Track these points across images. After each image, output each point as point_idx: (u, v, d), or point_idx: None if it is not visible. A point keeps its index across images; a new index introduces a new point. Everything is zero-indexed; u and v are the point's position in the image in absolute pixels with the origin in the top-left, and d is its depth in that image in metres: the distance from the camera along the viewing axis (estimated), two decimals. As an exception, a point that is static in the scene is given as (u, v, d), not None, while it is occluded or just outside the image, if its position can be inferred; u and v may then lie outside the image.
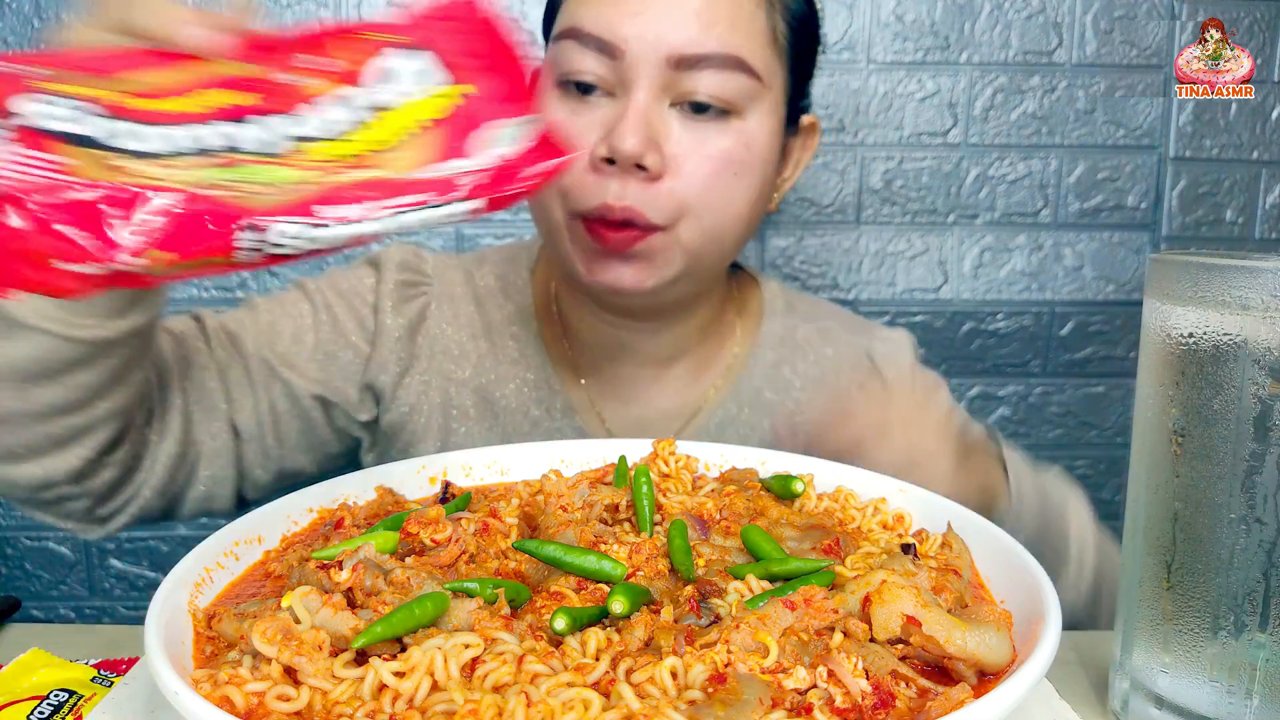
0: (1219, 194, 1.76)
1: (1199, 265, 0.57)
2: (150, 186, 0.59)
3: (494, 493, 0.72)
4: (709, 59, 0.90)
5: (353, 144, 0.67)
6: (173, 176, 0.61)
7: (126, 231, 0.56)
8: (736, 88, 0.92)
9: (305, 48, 0.70)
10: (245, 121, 0.65)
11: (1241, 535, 0.56)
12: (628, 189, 0.91)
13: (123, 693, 0.56)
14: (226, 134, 0.64)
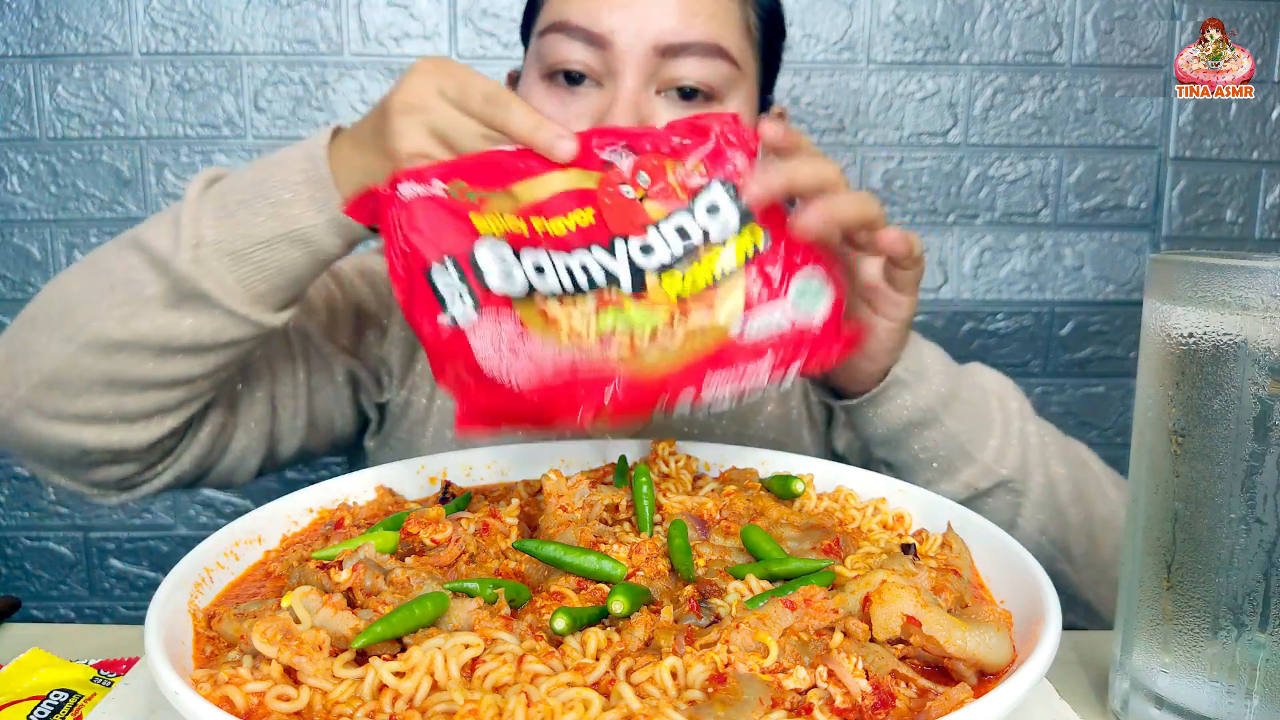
0: (1219, 194, 1.76)
1: (1199, 265, 0.57)
2: (595, 367, 0.73)
3: (494, 493, 0.72)
4: (692, 47, 0.94)
5: (685, 280, 0.76)
6: (585, 326, 0.74)
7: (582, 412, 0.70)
8: (717, 73, 0.96)
9: (636, 147, 0.77)
10: (610, 249, 0.75)
11: (1241, 535, 0.56)
12: None
13: (123, 693, 0.56)
14: (603, 265, 0.75)
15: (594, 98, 0.96)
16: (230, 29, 1.66)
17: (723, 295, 0.76)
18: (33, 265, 1.73)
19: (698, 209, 0.76)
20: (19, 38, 1.65)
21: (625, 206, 0.76)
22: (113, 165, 1.70)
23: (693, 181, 0.76)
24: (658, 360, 0.74)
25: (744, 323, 0.75)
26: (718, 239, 0.76)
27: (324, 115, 1.69)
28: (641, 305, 0.75)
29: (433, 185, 0.73)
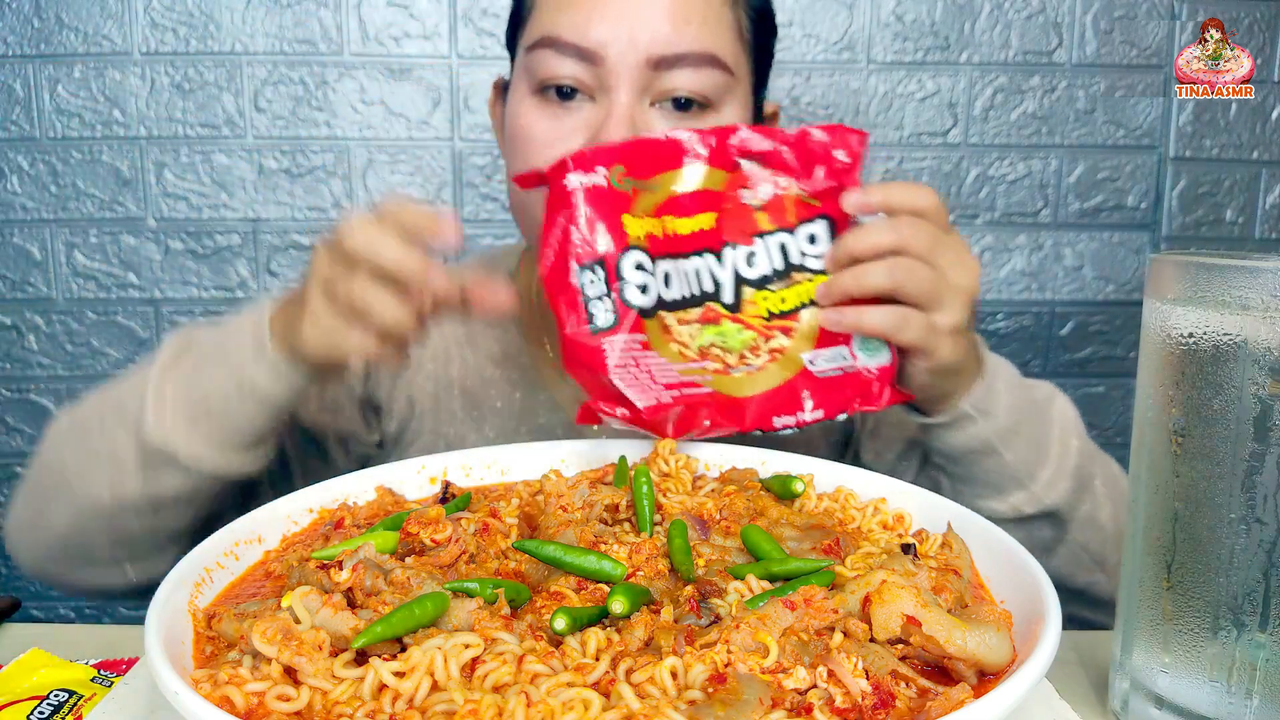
0: (1219, 194, 1.76)
1: (1199, 265, 0.57)
2: (694, 386, 0.81)
3: (494, 493, 0.72)
4: (685, 57, 0.93)
5: (773, 299, 0.82)
6: (691, 339, 0.82)
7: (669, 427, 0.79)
8: (712, 83, 0.95)
9: (768, 157, 0.83)
10: (719, 255, 0.82)
11: (1241, 535, 0.56)
12: None
13: (123, 693, 0.56)
14: (712, 273, 0.82)
15: (587, 112, 0.95)
16: (230, 29, 1.66)
17: (802, 325, 0.83)
18: (33, 265, 1.73)
19: (800, 234, 0.82)
20: (19, 38, 1.65)
21: (742, 212, 0.82)
22: (113, 165, 1.70)
23: (805, 209, 0.82)
24: (744, 384, 0.83)
25: (814, 358, 0.82)
26: (811, 270, 0.82)
27: (324, 115, 1.69)
28: (736, 324, 0.82)
29: (596, 172, 0.80)
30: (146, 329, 1.76)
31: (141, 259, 1.74)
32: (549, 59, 0.94)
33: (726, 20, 0.97)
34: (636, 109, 0.93)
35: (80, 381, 1.78)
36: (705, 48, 0.94)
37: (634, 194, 0.81)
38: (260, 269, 1.74)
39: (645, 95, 0.94)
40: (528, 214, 0.99)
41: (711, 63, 0.94)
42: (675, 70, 0.93)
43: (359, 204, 1.73)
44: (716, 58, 0.95)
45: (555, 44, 0.93)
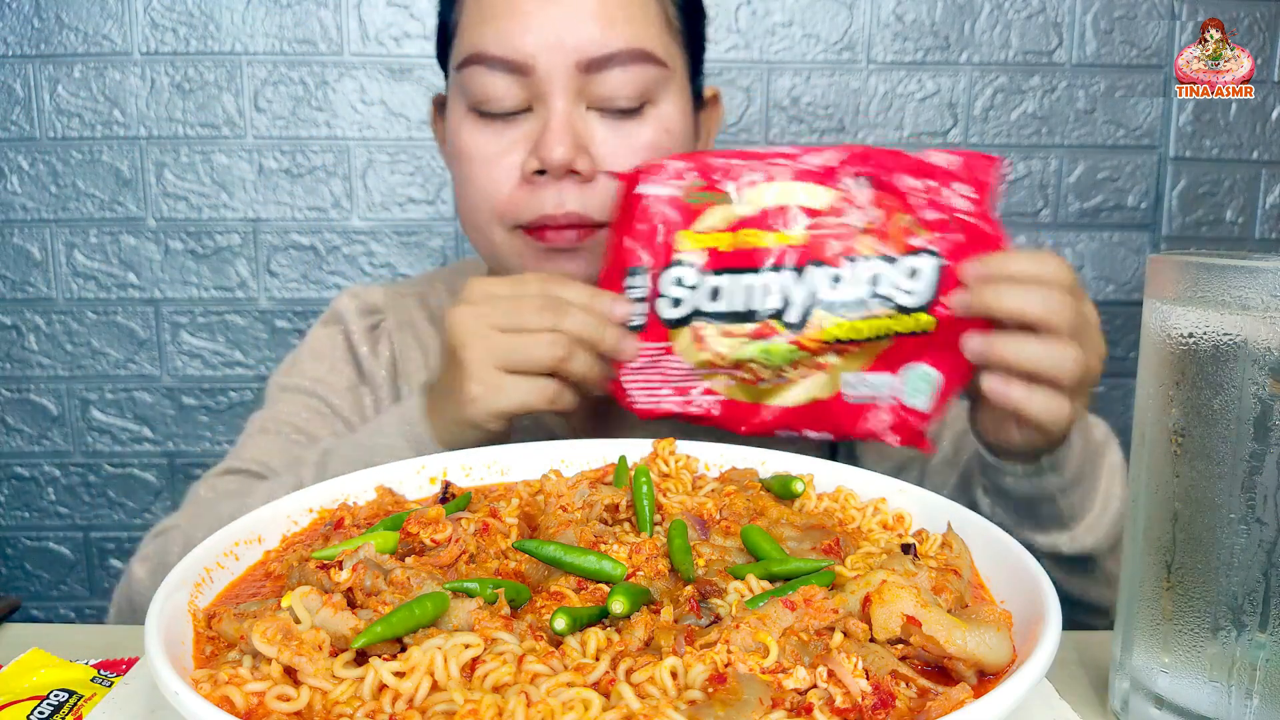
0: (1219, 194, 1.76)
1: (1199, 265, 0.57)
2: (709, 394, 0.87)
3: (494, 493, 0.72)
4: (615, 56, 0.93)
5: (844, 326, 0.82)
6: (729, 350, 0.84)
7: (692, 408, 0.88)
8: (646, 79, 0.95)
9: (881, 182, 0.82)
10: (800, 272, 0.82)
11: (1241, 535, 0.56)
12: (565, 195, 0.94)
13: (123, 693, 0.56)
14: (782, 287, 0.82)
15: (526, 124, 0.95)
16: (230, 29, 1.66)
17: (858, 354, 0.83)
18: (33, 265, 1.73)
19: (901, 266, 0.81)
20: (19, 38, 1.65)
21: (842, 233, 0.82)
22: (113, 165, 1.70)
23: (914, 240, 0.81)
24: (766, 393, 0.86)
25: (857, 382, 0.83)
26: (898, 305, 0.81)
27: (324, 115, 1.69)
28: (791, 345, 0.83)
29: (669, 184, 0.85)
30: (146, 329, 1.76)
31: (141, 259, 1.74)
32: (480, 76, 0.94)
33: (653, 13, 0.96)
34: (574, 114, 0.94)
35: (80, 381, 1.78)
36: (635, 44, 0.93)
37: (702, 208, 0.84)
38: (260, 269, 1.74)
39: (581, 100, 0.94)
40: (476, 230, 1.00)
41: (644, 59, 0.94)
42: (608, 71, 0.93)
43: (359, 204, 1.73)
44: (648, 53, 0.94)
45: (484, 59, 0.93)
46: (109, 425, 1.80)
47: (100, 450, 1.81)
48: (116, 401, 1.79)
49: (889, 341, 0.82)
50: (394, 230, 1.74)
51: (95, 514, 1.83)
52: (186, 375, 1.78)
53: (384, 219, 1.73)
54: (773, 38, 1.68)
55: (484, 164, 0.97)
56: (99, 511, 1.83)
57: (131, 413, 1.79)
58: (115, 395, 1.79)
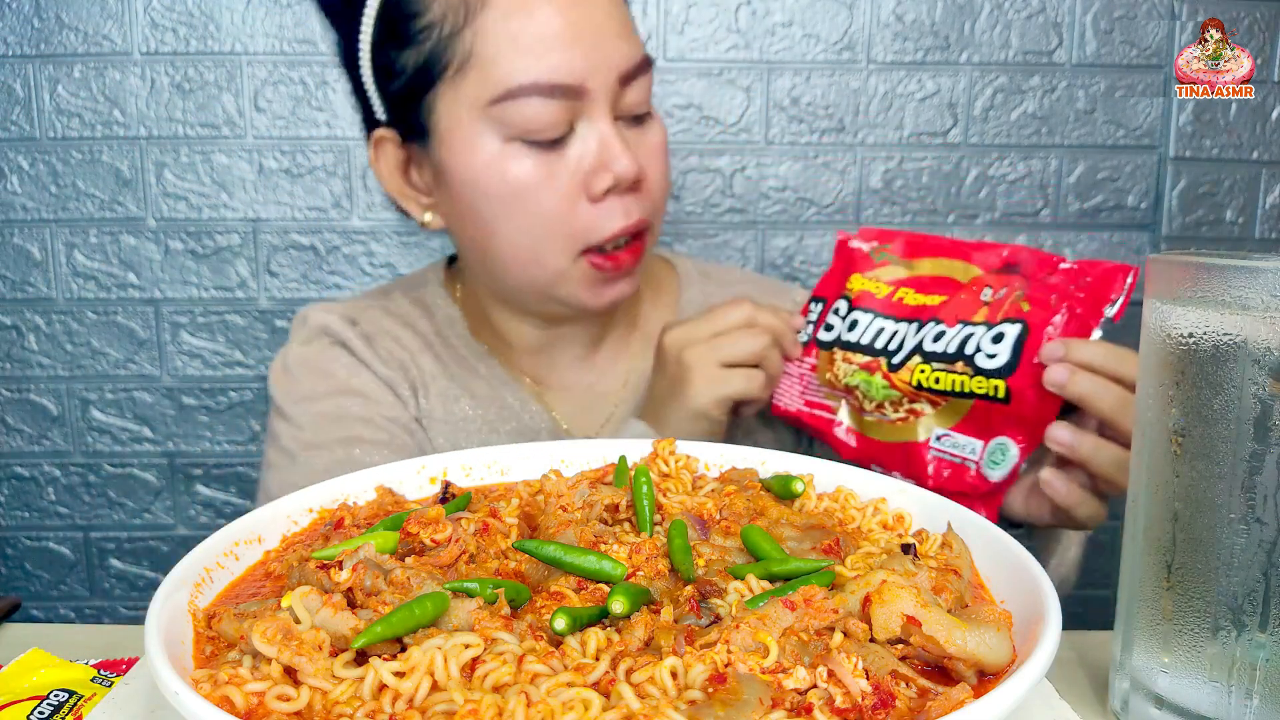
0: (1219, 194, 1.76)
1: (1199, 265, 0.57)
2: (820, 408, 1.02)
3: (494, 493, 0.72)
4: (639, 66, 0.98)
5: (927, 373, 0.91)
6: (844, 374, 0.97)
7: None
8: (650, 84, 1.01)
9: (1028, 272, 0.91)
10: (919, 327, 0.92)
11: (1241, 535, 0.56)
12: (631, 206, 0.99)
13: (123, 693, 0.56)
14: (900, 337, 0.93)
15: (575, 144, 0.96)
16: (230, 29, 1.66)
17: (946, 410, 0.92)
18: (33, 265, 1.73)
19: (992, 331, 0.88)
20: (19, 38, 1.65)
21: (967, 304, 0.91)
22: (113, 165, 1.70)
23: (1007, 309, 0.88)
24: (870, 426, 0.97)
25: (943, 436, 0.92)
26: (976, 367, 0.87)
27: (324, 115, 1.69)
28: (885, 380, 0.94)
29: (868, 244, 1.01)
30: (146, 329, 1.76)
31: (141, 259, 1.74)
32: (530, 107, 0.93)
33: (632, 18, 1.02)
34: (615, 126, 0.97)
35: (80, 381, 1.78)
36: (645, 53, 0.99)
37: (880, 264, 0.99)
38: (260, 269, 1.74)
39: (612, 113, 0.97)
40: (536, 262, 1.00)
41: (649, 65, 1.00)
42: (635, 82, 0.97)
43: (359, 204, 1.73)
44: (651, 58, 1.00)
45: (539, 90, 0.93)
46: (109, 425, 1.80)
47: (100, 450, 1.81)
48: (116, 401, 1.79)
49: (971, 403, 0.88)
50: (394, 230, 1.74)
51: (95, 514, 1.83)
52: (186, 375, 1.78)
53: (384, 219, 1.73)
54: (773, 38, 1.68)
55: (540, 191, 0.96)
56: (99, 511, 1.83)
57: (131, 413, 1.79)
58: (115, 395, 1.79)
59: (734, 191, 1.73)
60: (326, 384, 1.08)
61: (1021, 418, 0.86)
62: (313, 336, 1.12)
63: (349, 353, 1.11)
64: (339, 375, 1.09)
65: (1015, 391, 0.85)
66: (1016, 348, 0.85)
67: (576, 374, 1.17)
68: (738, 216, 1.73)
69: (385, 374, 1.11)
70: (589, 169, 0.96)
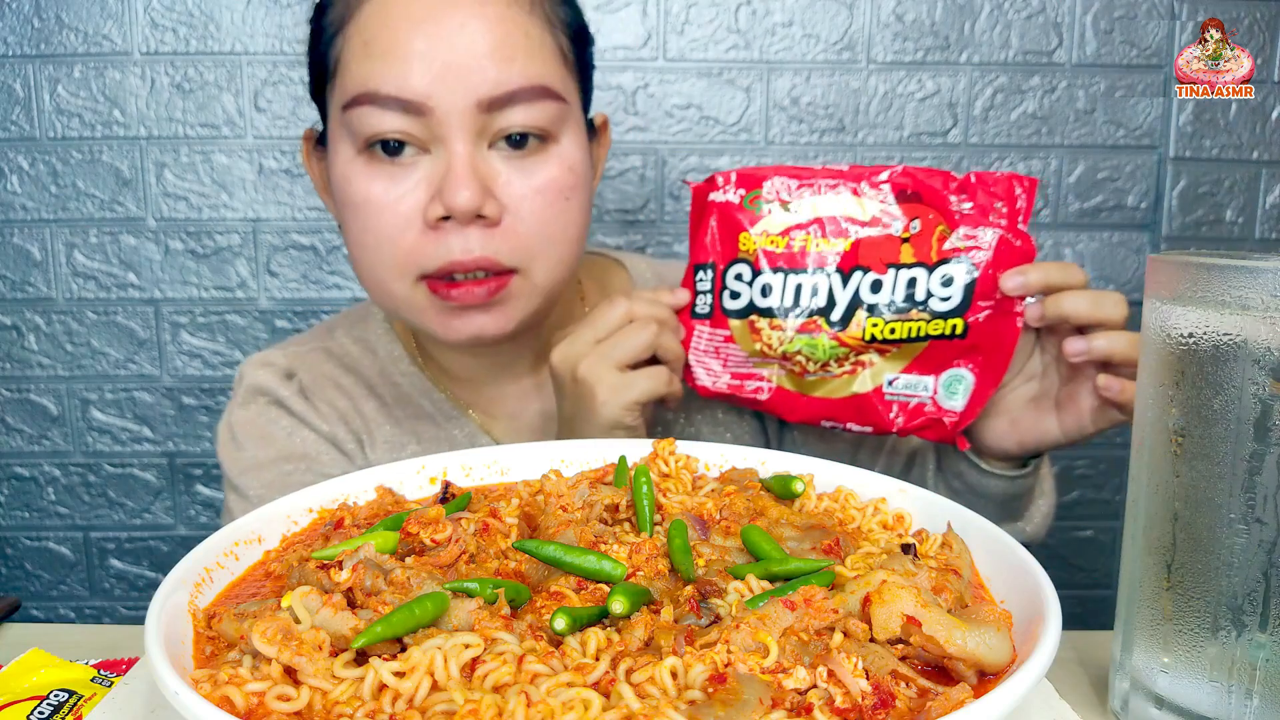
0: (1219, 194, 1.76)
1: (1199, 265, 0.57)
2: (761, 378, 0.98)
3: (494, 493, 0.72)
4: (517, 94, 0.90)
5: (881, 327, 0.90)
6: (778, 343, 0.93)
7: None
8: (547, 115, 0.93)
9: (928, 195, 0.90)
10: (846, 277, 0.91)
11: (1241, 535, 0.56)
12: (471, 240, 0.91)
13: (123, 693, 0.56)
14: (830, 290, 0.91)
15: (423, 166, 0.91)
16: (230, 29, 1.66)
17: (897, 354, 0.92)
18: (33, 265, 1.73)
19: (935, 274, 0.89)
20: (19, 38, 1.65)
21: (884, 243, 0.90)
22: (113, 165, 1.70)
23: (948, 245, 0.89)
24: (814, 385, 0.95)
25: (895, 380, 0.92)
26: (932, 311, 0.89)
27: (324, 115, 1.70)
28: (834, 340, 0.92)
29: (736, 192, 0.95)
30: (146, 329, 1.76)
31: (141, 259, 1.74)
32: (371, 116, 0.89)
33: (549, 47, 0.93)
34: (476, 155, 0.90)
35: (80, 381, 1.78)
36: (536, 80, 0.91)
37: (761, 216, 0.93)
38: (260, 269, 1.74)
39: (482, 139, 0.91)
40: (375, 283, 0.96)
41: (544, 95, 0.92)
42: (509, 109, 0.90)
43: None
44: (548, 89, 0.92)
45: (375, 99, 0.89)
46: (109, 425, 1.80)
47: (100, 450, 1.81)
48: (116, 401, 1.79)
49: (924, 344, 0.91)
50: (394, 230, 1.74)
51: (95, 514, 1.83)
52: (186, 375, 1.78)
53: (384, 219, 1.74)
54: (773, 38, 1.68)
55: (381, 211, 0.91)
56: (99, 511, 1.83)
57: (131, 413, 1.79)
58: (115, 395, 1.79)
59: (734, 191, 1.73)
60: (268, 450, 1.06)
61: (976, 346, 0.90)
62: (249, 398, 1.09)
63: (287, 413, 1.08)
64: (279, 439, 1.06)
65: (972, 325, 0.89)
66: (969, 288, 0.88)
67: (524, 400, 1.13)
68: (738, 216, 1.74)
69: (326, 430, 1.07)
70: (428, 194, 0.91)
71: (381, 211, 0.92)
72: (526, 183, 0.93)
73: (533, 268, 0.96)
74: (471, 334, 0.96)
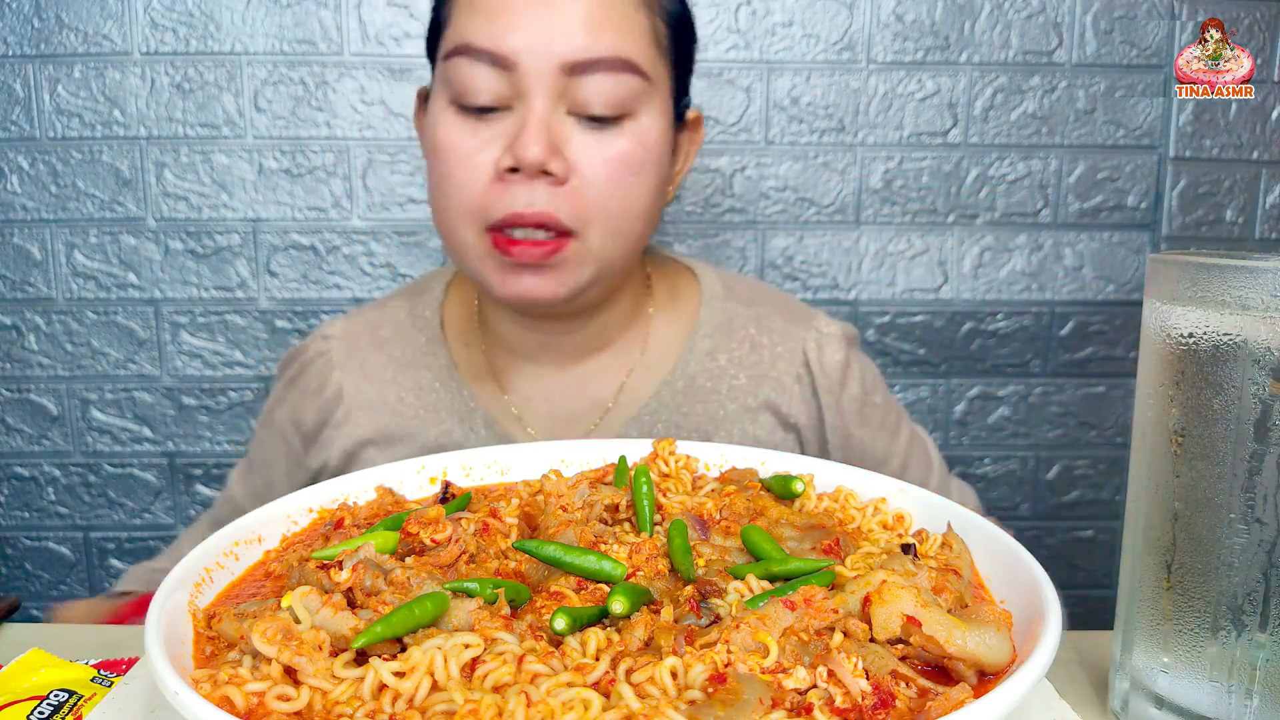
0: (1219, 194, 1.76)
1: (1199, 265, 0.57)
2: None
3: (494, 493, 0.72)
4: (600, 63, 0.94)
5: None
6: None
7: None
8: (627, 89, 0.95)
9: None
10: None
11: (1241, 535, 0.56)
12: (536, 195, 0.94)
13: (123, 693, 0.56)
14: None
15: (505, 122, 0.95)
16: (230, 29, 1.66)
17: None
18: (33, 265, 1.73)
19: None
20: (19, 38, 1.65)
21: None
22: (113, 165, 1.70)
23: None
24: None
25: None
26: None
27: (324, 115, 1.69)
28: None
29: None
30: (146, 329, 1.76)
31: (141, 259, 1.74)
32: (464, 67, 0.94)
33: (642, 26, 0.97)
34: (553, 118, 0.94)
35: (80, 381, 1.78)
36: (620, 53, 0.94)
37: None
38: (260, 269, 1.74)
39: (561, 103, 0.94)
40: (448, 226, 1.00)
41: (627, 68, 0.95)
42: (590, 76, 0.93)
43: (359, 204, 1.73)
44: (632, 63, 0.95)
45: (470, 51, 0.94)
46: (109, 425, 1.80)
47: (100, 450, 1.80)
48: (116, 401, 1.79)
49: None
50: (394, 230, 1.74)
51: (95, 514, 1.83)
52: (186, 375, 1.78)
53: (384, 219, 1.73)
54: (773, 38, 1.68)
55: (460, 158, 0.96)
56: (99, 511, 1.83)
57: (131, 413, 1.79)
58: (115, 395, 1.79)
59: (734, 191, 1.73)
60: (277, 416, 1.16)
61: None
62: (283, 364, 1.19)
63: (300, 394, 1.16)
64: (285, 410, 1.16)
65: None
66: None
67: (564, 389, 1.12)
68: (738, 216, 1.73)
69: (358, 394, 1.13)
70: (503, 147, 0.95)
71: (460, 159, 0.96)
72: (598, 150, 0.96)
73: (589, 233, 0.97)
74: (523, 293, 0.98)
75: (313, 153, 1.71)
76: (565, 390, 1.12)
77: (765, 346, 1.12)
